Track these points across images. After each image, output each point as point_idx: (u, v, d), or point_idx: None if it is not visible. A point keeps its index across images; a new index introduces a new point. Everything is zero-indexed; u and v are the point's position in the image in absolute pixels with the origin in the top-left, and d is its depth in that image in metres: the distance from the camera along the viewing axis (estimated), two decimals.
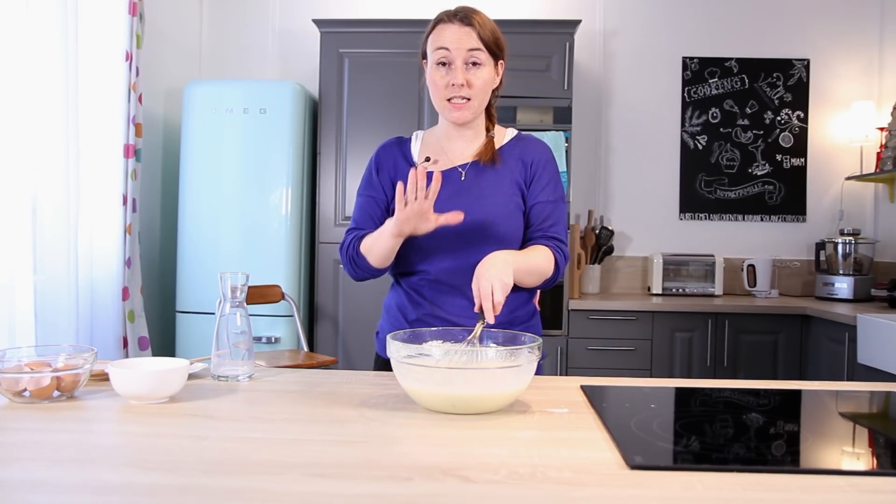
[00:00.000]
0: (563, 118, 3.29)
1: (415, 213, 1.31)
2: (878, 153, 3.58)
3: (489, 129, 1.55)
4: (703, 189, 3.83)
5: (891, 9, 3.72)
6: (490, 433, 0.98)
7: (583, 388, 1.25)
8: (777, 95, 3.80)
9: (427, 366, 1.07)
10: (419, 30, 1.52)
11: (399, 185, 1.30)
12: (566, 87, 3.29)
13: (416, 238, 1.45)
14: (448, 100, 1.44)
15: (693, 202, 3.83)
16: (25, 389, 1.10)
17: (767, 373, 3.24)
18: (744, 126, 3.82)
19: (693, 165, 3.83)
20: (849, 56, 3.79)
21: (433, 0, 2.13)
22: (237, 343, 1.28)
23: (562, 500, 0.74)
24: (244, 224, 3.28)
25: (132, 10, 2.82)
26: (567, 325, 3.27)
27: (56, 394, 1.12)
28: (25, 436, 0.95)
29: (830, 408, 1.21)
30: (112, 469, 0.82)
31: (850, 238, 3.47)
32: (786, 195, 3.82)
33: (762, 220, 3.82)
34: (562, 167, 3.20)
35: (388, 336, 1.14)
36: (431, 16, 1.48)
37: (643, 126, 3.85)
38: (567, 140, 3.25)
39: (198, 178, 3.28)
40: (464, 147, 1.53)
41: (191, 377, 1.29)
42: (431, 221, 1.32)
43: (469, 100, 1.44)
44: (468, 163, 1.50)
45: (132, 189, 2.85)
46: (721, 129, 3.82)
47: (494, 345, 1.23)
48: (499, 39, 1.46)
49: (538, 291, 1.61)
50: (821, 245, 3.58)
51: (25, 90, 2.24)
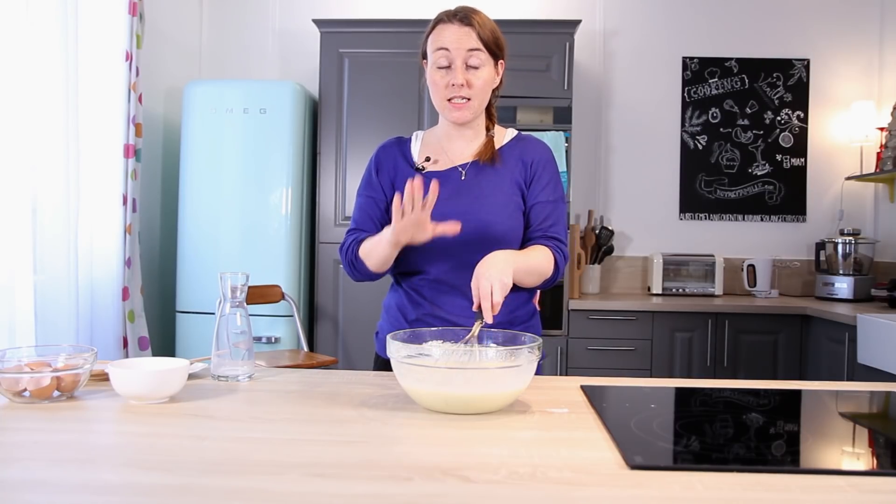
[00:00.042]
0: (563, 118, 3.29)
1: (412, 224, 1.30)
2: (878, 153, 3.58)
3: (489, 129, 1.55)
4: (703, 189, 3.83)
5: (891, 9, 3.72)
6: (490, 433, 0.98)
7: (583, 388, 1.25)
8: (777, 95, 3.80)
9: (427, 366, 1.07)
10: (419, 30, 1.52)
11: (396, 196, 1.28)
12: (566, 87, 3.29)
13: None
14: (448, 100, 1.45)
15: (693, 202, 3.83)
16: (25, 389, 1.10)
17: (767, 373, 3.24)
18: (744, 126, 3.82)
19: (693, 165, 3.83)
20: (849, 56, 3.79)
21: (433, 0, 2.13)
22: (237, 343, 1.28)
23: (562, 500, 0.74)
24: (244, 224, 3.28)
25: (132, 10, 2.82)
26: (567, 325, 3.27)
27: (56, 394, 1.12)
28: (25, 436, 0.95)
29: (830, 408, 1.21)
30: (112, 469, 0.82)
31: (850, 238, 3.47)
32: (786, 195, 3.82)
33: (762, 220, 3.82)
34: (562, 167, 3.20)
35: (388, 336, 1.14)
36: (431, 16, 1.49)
37: (643, 126, 3.85)
38: (567, 140, 3.25)
39: (198, 178, 3.28)
40: (464, 147, 1.53)
41: (191, 377, 1.29)
42: (428, 231, 1.32)
43: (469, 100, 1.44)
44: (468, 162, 1.51)
45: (132, 189, 2.85)
46: (721, 129, 3.82)
47: (494, 345, 1.23)
48: (499, 39, 1.46)
49: (538, 291, 1.61)
50: (821, 245, 3.58)
51: (25, 90, 2.24)
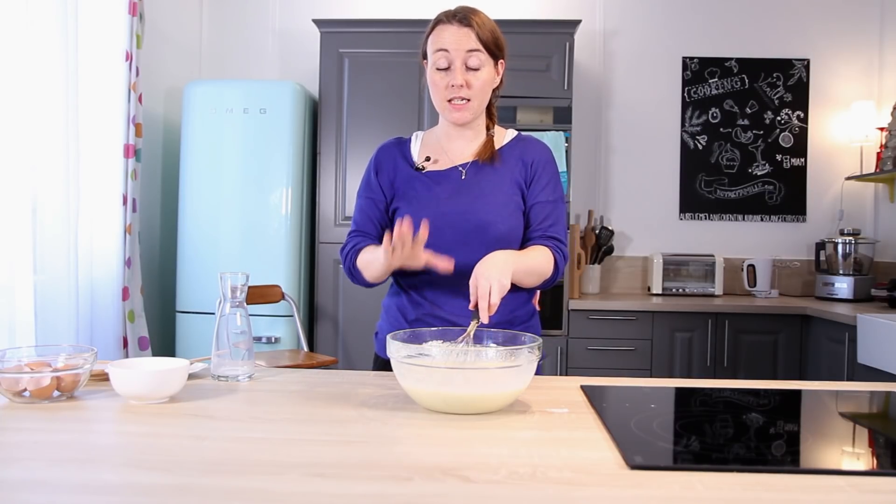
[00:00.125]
0: (563, 118, 3.29)
1: (404, 257, 1.31)
2: (878, 153, 3.58)
3: (489, 129, 1.55)
4: (703, 189, 3.83)
5: (891, 9, 3.72)
6: (490, 433, 0.98)
7: (583, 388, 1.25)
8: (777, 95, 3.80)
9: (427, 366, 1.07)
10: (419, 30, 1.52)
11: (386, 236, 1.29)
12: (566, 87, 3.29)
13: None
14: (448, 101, 1.45)
15: (693, 202, 3.83)
16: (25, 389, 1.10)
17: (767, 373, 3.24)
18: (744, 126, 3.82)
19: (693, 165, 3.83)
20: (849, 56, 3.79)
21: (433, 0, 2.13)
22: (237, 343, 1.28)
23: (562, 500, 0.74)
24: (244, 224, 3.28)
25: (132, 10, 2.82)
26: (567, 325, 3.27)
27: (56, 394, 1.12)
28: (25, 436, 0.95)
29: (830, 408, 1.21)
30: (112, 469, 0.82)
31: (850, 238, 3.47)
32: (786, 195, 3.82)
33: (762, 220, 3.82)
34: (562, 167, 3.20)
35: (388, 336, 1.14)
36: (431, 16, 1.49)
37: (643, 126, 3.85)
38: (567, 140, 3.25)
39: (198, 178, 3.28)
40: (464, 146, 1.53)
41: (191, 377, 1.29)
42: (422, 260, 1.33)
43: (468, 101, 1.44)
44: (468, 162, 1.51)
45: (132, 189, 2.85)
46: (721, 129, 3.82)
47: (494, 345, 1.23)
48: (498, 39, 1.46)
49: (538, 292, 1.61)
50: (821, 245, 3.58)
51: (25, 90, 2.24)
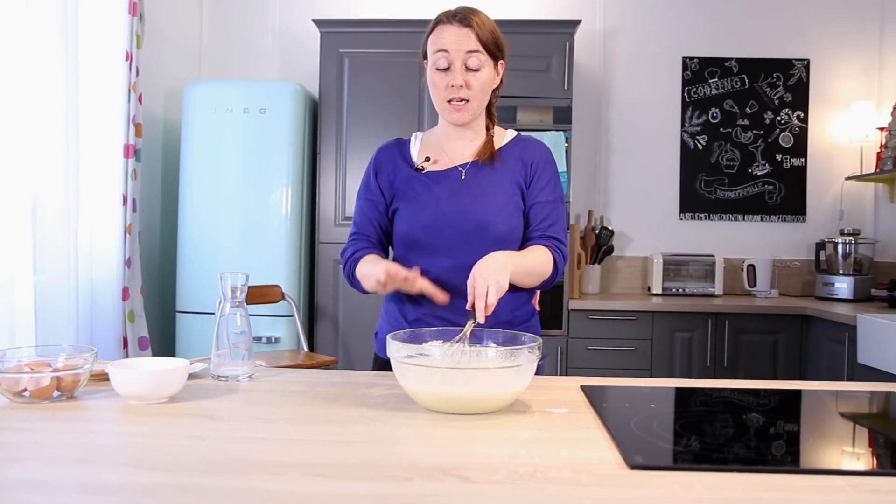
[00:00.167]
0: (563, 118, 3.29)
1: (396, 288, 1.40)
2: (878, 153, 3.58)
3: (489, 129, 1.55)
4: (703, 189, 3.83)
5: (891, 9, 3.72)
6: (490, 433, 0.98)
7: (583, 388, 1.25)
8: (777, 95, 3.80)
9: (427, 366, 1.07)
10: (419, 30, 1.52)
11: (377, 278, 1.35)
12: (566, 87, 3.29)
13: (417, 238, 1.46)
14: (448, 101, 1.45)
15: (693, 202, 3.83)
16: (25, 389, 1.10)
17: (767, 373, 3.24)
18: (744, 126, 3.81)
19: (693, 165, 3.83)
20: (849, 56, 3.79)
21: (433, 0, 2.13)
22: (237, 343, 1.28)
23: (562, 500, 0.74)
24: (244, 224, 3.27)
25: (132, 10, 2.82)
26: (567, 325, 3.27)
27: (56, 394, 1.12)
28: (25, 436, 0.95)
29: (830, 408, 1.21)
30: (112, 469, 0.82)
31: (850, 238, 3.47)
32: (786, 195, 3.82)
33: (762, 220, 3.82)
34: (562, 167, 3.20)
35: (388, 336, 1.14)
36: (431, 16, 1.48)
37: (643, 126, 3.84)
38: (567, 140, 3.25)
39: (198, 178, 3.28)
40: (464, 147, 1.53)
41: (191, 377, 1.29)
42: (417, 286, 1.37)
43: (468, 101, 1.44)
44: (468, 162, 1.51)
45: (132, 189, 2.85)
46: (721, 129, 3.82)
47: (494, 345, 1.23)
48: (498, 40, 1.46)
49: (538, 292, 1.61)
50: (821, 245, 3.58)
51: (25, 90, 2.24)
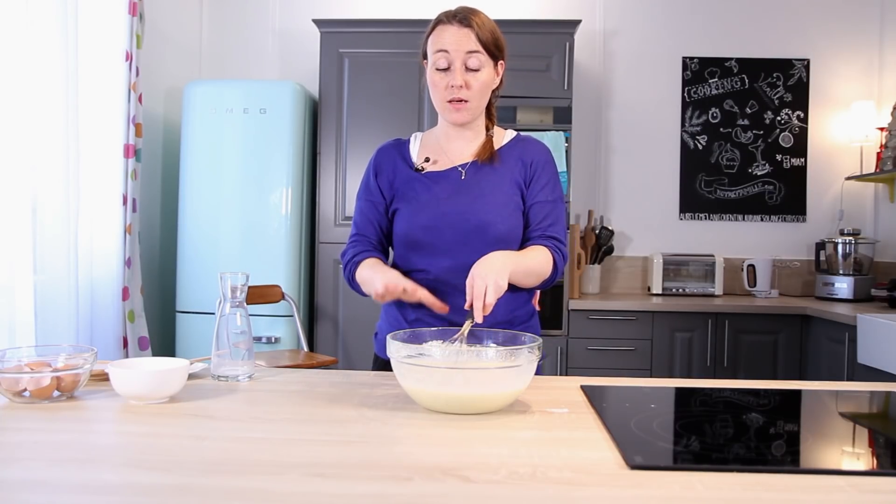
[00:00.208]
0: (563, 118, 3.29)
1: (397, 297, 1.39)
2: (878, 153, 3.58)
3: (489, 129, 1.55)
4: (703, 189, 3.83)
5: (891, 9, 3.72)
6: (490, 433, 0.98)
7: (583, 388, 1.25)
8: (777, 95, 3.80)
9: (427, 366, 1.07)
10: (419, 30, 1.52)
11: (376, 291, 1.35)
12: (566, 87, 3.29)
13: (417, 238, 1.46)
14: (447, 101, 1.44)
15: (693, 202, 3.83)
16: (25, 389, 1.10)
17: (767, 373, 3.24)
18: (744, 126, 3.81)
19: (693, 165, 3.83)
20: (849, 56, 3.79)
21: (433, 0, 2.13)
22: (237, 343, 1.28)
23: (562, 500, 0.74)
24: (244, 224, 3.27)
25: (132, 10, 2.82)
26: (567, 325, 3.27)
27: (56, 394, 1.12)
28: (25, 436, 0.95)
29: (830, 408, 1.21)
30: (112, 469, 0.82)
31: (850, 238, 3.47)
32: (786, 195, 3.81)
33: (762, 220, 3.82)
34: (562, 167, 3.20)
35: (388, 336, 1.14)
36: (431, 16, 1.48)
37: (643, 126, 3.84)
38: (567, 140, 3.25)
39: (198, 178, 3.28)
40: (463, 147, 1.53)
41: (191, 377, 1.29)
42: (417, 296, 1.37)
43: (468, 101, 1.44)
44: (468, 162, 1.51)
45: (132, 189, 2.85)
46: (721, 129, 3.82)
47: (494, 345, 1.23)
48: (498, 40, 1.46)
49: (538, 292, 1.61)
50: (821, 245, 3.58)
51: (25, 90, 2.24)
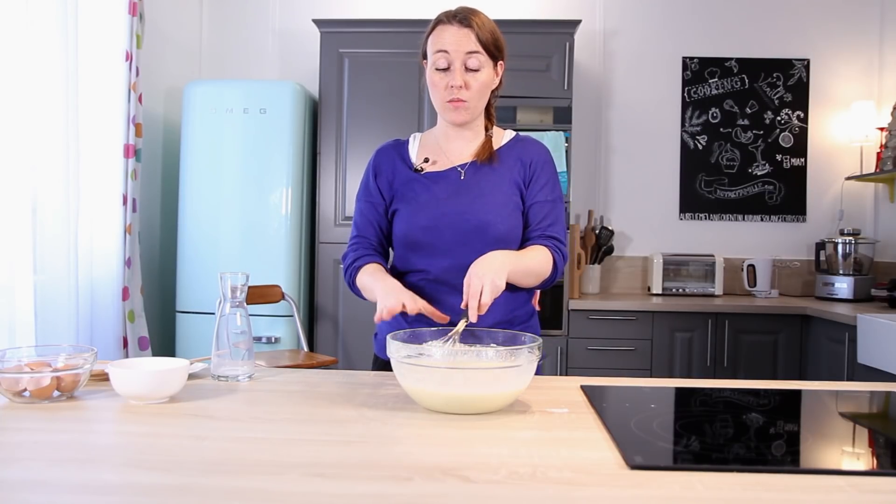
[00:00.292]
0: (563, 118, 3.29)
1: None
2: (878, 153, 3.58)
3: (488, 129, 1.55)
4: (703, 189, 3.83)
5: (891, 9, 3.72)
6: (490, 433, 0.98)
7: (583, 388, 1.25)
8: (777, 95, 3.80)
9: (427, 366, 1.07)
10: (419, 30, 1.52)
11: (379, 316, 1.31)
12: (566, 87, 3.29)
13: (416, 238, 1.46)
14: (447, 101, 1.45)
15: (693, 202, 3.83)
16: (25, 389, 1.10)
17: (767, 373, 3.24)
18: (744, 126, 3.81)
19: (693, 165, 3.83)
20: (849, 56, 3.79)
21: (433, 0, 2.13)
22: (237, 343, 1.28)
23: (562, 500, 0.74)
24: (244, 224, 3.27)
25: (132, 10, 2.82)
26: (567, 325, 3.27)
27: (56, 394, 1.12)
28: (25, 436, 0.95)
29: (830, 408, 1.21)
30: (112, 469, 0.82)
31: (850, 238, 3.47)
32: (786, 195, 3.81)
33: (762, 220, 3.82)
34: (562, 167, 3.20)
35: (388, 336, 1.14)
36: (431, 16, 1.48)
37: (643, 126, 3.84)
38: (567, 140, 3.25)
39: (198, 178, 3.28)
40: (463, 147, 1.53)
41: (191, 377, 1.29)
42: (419, 307, 1.35)
43: (467, 101, 1.44)
44: (467, 162, 1.51)
45: (132, 189, 2.85)
46: (721, 129, 3.82)
47: (494, 345, 1.23)
48: (498, 40, 1.46)
49: (537, 292, 1.61)
50: (821, 245, 3.58)
51: (25, 90, 2.24)
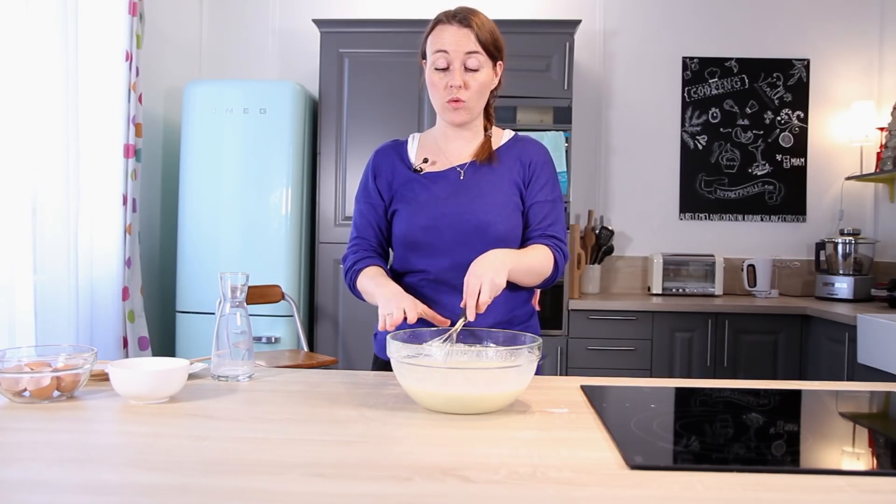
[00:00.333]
0: (563, 118, 3.29)
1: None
2: (878, 153, 3.58)
3: (487, 129, 1.55)
4: (703, 189, 3.83)
5: (891, 9, 3.72)
6: (490, 433, 0.98)
7: (583, 388, 1.25)
8: (777, 95, 3.80)
9: (427, 366, 1.07)
10: (419, 30, 1.52)
11: (381, 327, 1.28)
12: (566, 87, 3.29)
13: (416, 239, 1.46)
14: (446, 101, 1.44)
15: (693, 202, 3.83)
16: (25, 389, 1.10)
17: (767, 373, 3.24)
18: (744, 126, 3.81)
19: (693, 165, 3.83)
20: (849, 56, 3.79)
21: (433, 0, 2.13)
22: (237, 343, 1.28)
23: (562, 500, 0.74)
24: (244, 224, 3.27)
25: (132, 10, 2.82)
26: (567, 325, 3.27)
27: (56, 394, 1.12)
28: (25, 436, 0.95)
29: (830, 408, 1.21)
30: (112, 469, 0.82)
31: (850, 238, 3.47)
32: (786, 195, 3.81)
33: (762, 220, 3.82)
34: (562, 167, 3.20)
35: (388, 336, 1.14)
36: (431, 16, 1.48)
37: (643, 126, 3.84)
38: (567, 140, 3.25)
39: (198, 178, 3.28)
40: (462, 147, 1.53)
41: (191, 377, 1.29)
42: (418, 312, 1.33)
43: (466, 102, 1.44)
44: (467, 163, 1.51)
45: (132, 189, 2.85)
46: (721, 129, 3.82)
47: (494, 345, 1.23)
48: (497, 41, 1.46)
49: (538, 292, 1.61)
50: (821, 245, 3.58)
51: (25, 90, 2.24)
